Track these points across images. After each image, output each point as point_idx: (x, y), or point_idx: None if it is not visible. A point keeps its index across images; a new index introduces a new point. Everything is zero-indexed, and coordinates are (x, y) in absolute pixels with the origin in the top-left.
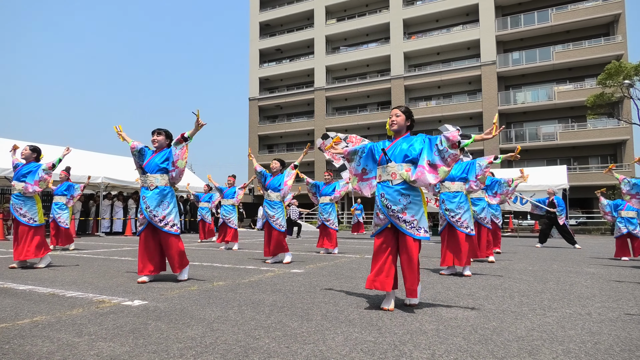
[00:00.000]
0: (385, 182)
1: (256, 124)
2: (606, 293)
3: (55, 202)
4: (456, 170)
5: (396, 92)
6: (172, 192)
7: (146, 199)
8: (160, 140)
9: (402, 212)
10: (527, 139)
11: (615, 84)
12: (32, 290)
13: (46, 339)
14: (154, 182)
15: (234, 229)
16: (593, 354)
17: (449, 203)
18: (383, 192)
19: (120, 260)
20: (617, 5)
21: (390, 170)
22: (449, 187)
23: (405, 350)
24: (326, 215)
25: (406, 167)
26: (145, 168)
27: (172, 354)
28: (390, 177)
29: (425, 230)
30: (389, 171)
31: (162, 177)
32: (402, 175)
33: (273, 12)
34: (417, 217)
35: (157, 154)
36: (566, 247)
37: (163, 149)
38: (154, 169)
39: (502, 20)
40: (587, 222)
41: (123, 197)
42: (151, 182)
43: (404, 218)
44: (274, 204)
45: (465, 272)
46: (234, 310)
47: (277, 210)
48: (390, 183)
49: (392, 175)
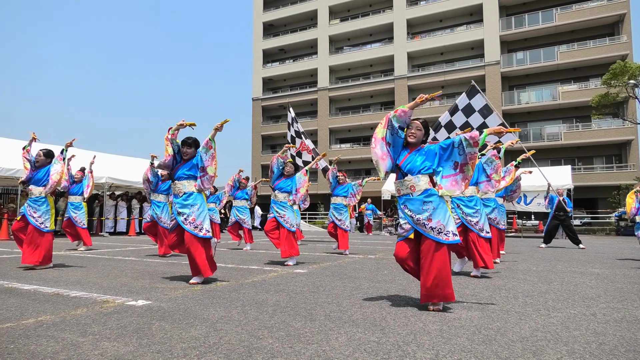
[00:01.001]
0: (406, 195)
1: (259, 124)
2: (611, 294)
3: (70, 202)
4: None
5: (400, 92)
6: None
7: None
8: (190, 152)
9: (427, 220)
10: (531, 139)
11: (620, 84)
12: (37, 290)
13: (51, 338)
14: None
15: (248, 229)
16: (598, 355)
17: (465, 208)
18: (406, 204)
19: (124, 260)
20: (622, 5)
21: (408, 184)
22: (464, 191)
23: (408, 351)
24: (338, 216)
25: (424, 179)
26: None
27: (175, 354)
28: (409, 190)
29: (453, 233)
30: (407, 185)
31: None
32: (421, 186)
33: (277, 12)
34: (443, 222)
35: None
36: (570, 248)
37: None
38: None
39: (506, 20)
40: (592, 223)
41: (127, 197)
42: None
43: (430, 225)
44: (283, 204)
45: (473, 272)
46: (238, 310)
47: (287, 210)
48: (410, 195)
49: (412, 188)
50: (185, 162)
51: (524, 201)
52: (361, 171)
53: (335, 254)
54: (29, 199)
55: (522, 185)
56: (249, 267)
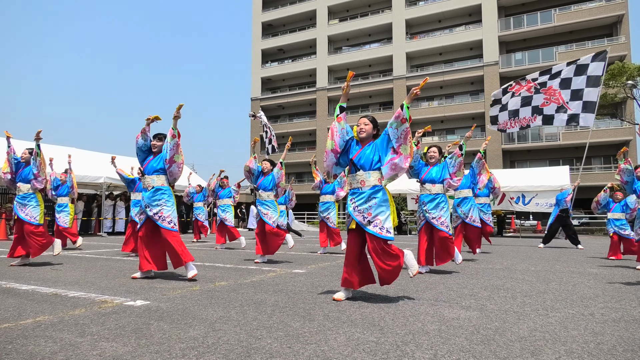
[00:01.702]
0: (355, 189)
1: (258, 124)
2: (609, 294)
3: (58, 203)
4: (437, 174)
5: (398, 92)
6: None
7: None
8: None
9: (367, 213)
10: (529, 140)
11: (618, 85)
12: (35, 290)
13: (49, 339)
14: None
15: (232, 227)
16: (596, 355)
17: (429, 204)
18: (353, 198)
19: (122, 260)
20: (620, 5)
21: (359, 179)
22: (430, 189)
23: (407, 351)
24: (326, 214)
25: (374, 175)
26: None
27: (174, 354)
28: (359, 184)
29: (388, 230)
30: (358, 179)
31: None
32: (370, 182)
33: (275, 12)
34: (382, 218)
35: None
36: (569, 248)
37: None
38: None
39: (505, 20)
40: (590, 223)
41: (126, 197)
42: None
43: (368, 219)
44: (268, 202)
45: (458, 259)
46: (236, 311)
47: (271, 208)
48: (360, 189)
49: (362, 182)
50: (155, 157)
51: (522, 201)
52: None
53: (332, 254)
54: (17, 196)
55: (520, 186)
56: (247, 267)
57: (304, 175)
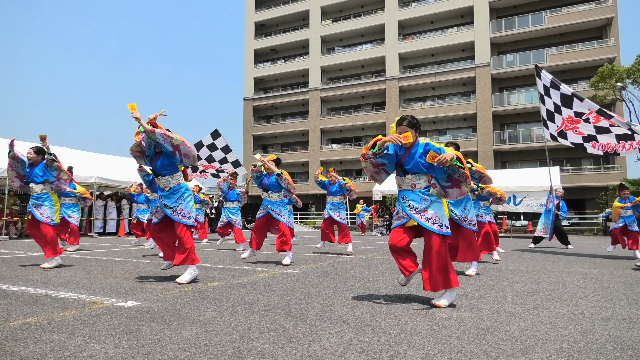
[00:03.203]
0: (406, 190)
1: (251, 124)
2: (598, 293)
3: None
4: None
5: (391, 93)
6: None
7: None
8: None
9: (424, 211)
10: (520, 141)
11: (607, 87)
12: (25, 291)
13: (38, 340)
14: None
15: (239, 229)
16: (585, 353)
17: (453, 206)
18: (405, 195)
19: (113, 261)
20: (610, 8)
21: (409, 182)
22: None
23: (399, 350)
24: (337, 212)
25: (424, 177)
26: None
27: (165, 355)
28: (409, 187)
29: (446, 226)
30: (408, 182)
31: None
32: (421, 184)
33: (268, 12)
34: (439, 215)
35: None
36: (559, 248)
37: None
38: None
39: (496, 22)
40: (580, 223)
41: (117, 197)
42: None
43: (426, 216)
44: (279, 202)
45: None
46: (228, 311)
47: (282, 207)
48: (410, 190)
49: (412, 185)
50: (159, 156)
51: (513, 202)
52: (352, 171)
53: (325, 254)
54: (32, 197)
55: (511, 187)
56: (240, 268)
57: (296, 175)
